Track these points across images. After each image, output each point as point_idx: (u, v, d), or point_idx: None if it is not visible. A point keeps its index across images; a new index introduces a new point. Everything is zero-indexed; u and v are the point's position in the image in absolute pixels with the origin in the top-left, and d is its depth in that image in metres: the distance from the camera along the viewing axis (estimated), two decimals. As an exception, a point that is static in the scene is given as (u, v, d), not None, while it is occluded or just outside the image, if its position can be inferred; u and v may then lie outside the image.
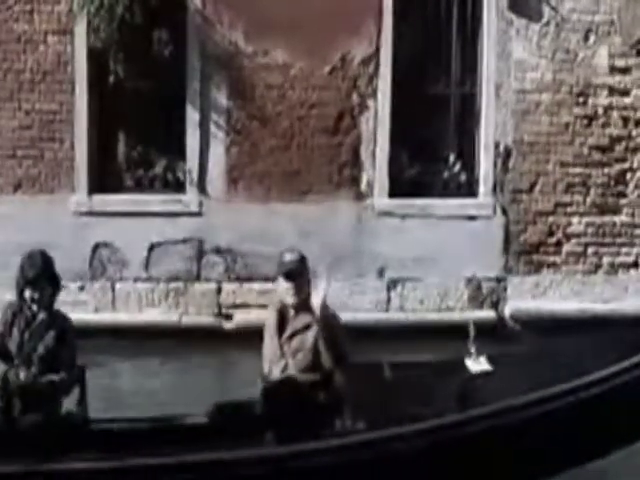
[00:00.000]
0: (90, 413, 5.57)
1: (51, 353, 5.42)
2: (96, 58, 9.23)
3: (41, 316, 5.49)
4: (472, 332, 5.79)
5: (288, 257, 5.54)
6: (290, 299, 5.40)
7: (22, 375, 5.31)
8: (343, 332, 5.45)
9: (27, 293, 5.46)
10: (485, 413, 5.12)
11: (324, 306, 5.30)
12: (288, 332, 5.40)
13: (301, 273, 5.44)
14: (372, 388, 5.61)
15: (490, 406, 5.16)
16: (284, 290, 5.43)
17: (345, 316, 9.14)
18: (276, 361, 5.41)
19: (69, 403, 5.54)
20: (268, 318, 5.56)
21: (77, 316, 8.95)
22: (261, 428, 5.22)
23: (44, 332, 5.46)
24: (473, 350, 5.77)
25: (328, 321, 5.33)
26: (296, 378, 5.31)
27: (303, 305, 5.38)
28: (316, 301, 5.29)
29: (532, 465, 5.24)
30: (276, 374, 5.39)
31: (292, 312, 5.43)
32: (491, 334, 9.17)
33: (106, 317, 9.31)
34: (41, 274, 5.48)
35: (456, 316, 9.44)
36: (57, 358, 5.43)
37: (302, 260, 5.52)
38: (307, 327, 5.36)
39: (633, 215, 10.01)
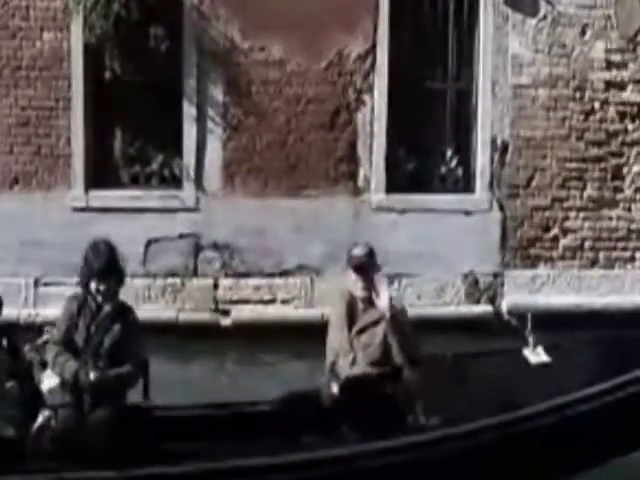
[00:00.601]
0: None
1: (117, 345, 5.36)
2: (92, 54, 9.20)
3: (107, 308, 5.42)
4: (529, 323, 5.86)
5: (358, 251, 5.63)
6: (359, 292, 5.47)
7: (92, 375, 5.24)
8: (411, 328, 5.51)
9: (93, 285, 5.39)
10: (550, 407, 5.14)
11: (392, 302, 5.41)
12: (359, 326, 5.46)
13: (371, 267, 5.53)
14: (439, 381, 5.64)
15: (554, 400, 5.17)
16: (353, 283, 5.49)
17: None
18: (344, 353, 5.45)
19: (133, 395, 5.52)
20: (335, 309, 5.61)
21: None
22: (332, 421, 5.24)
23: (110, 324, 5.39)
24: (531, 340, 5.81)
25: (398, 317, 5.41)
26: (373, 374, 5.36)
27: (370, 299, 5.45)
28: (383, 298, 5.38)
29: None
30: (344, 366, 5.43)
31: (361, 305, 5.50)
32: (488, 329, 9.24)
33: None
34: (107, 265, 5.42)
35: (453, 311, 9.45)
36: (123, 350, 5.37)
37: (371, 254, 5.62)
38: (377, 322, 5.43)
39: (629, 210, 10.03)
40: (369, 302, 5.47)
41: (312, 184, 9.52)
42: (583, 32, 9.84)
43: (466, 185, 9.79)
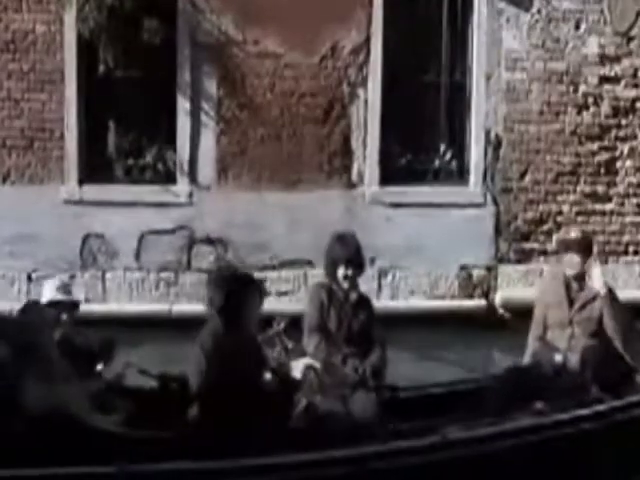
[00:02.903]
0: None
1: (364, 331, 5.69)
2: (86, 47, 9.19)
3: (353, 296, 5.74)
4: None
5: (574, 234, 6.45)
6: (573, 271, 6.11)
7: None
8: (622, 305, 6.21)
9: (341, 271, 5.68)
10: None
11: (605, 281, 6.12)
12: (579, 303, 6.10)
13: (587, 248, 6.21)
14: None
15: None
16: (569, 262, 6.13)
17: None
18: (562, 327, 6.08)
19: None
20: (548, 286, 6.35)
21: None
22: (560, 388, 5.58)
23: (357, 311, 5.72)
24: None
25: (612, 294, 6.11)
26: (601, 345, 6.00)
27: (584, 278, 6.14)
28: (596, 276, 6.05)
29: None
30: (560, 339, 6.05)
31: (575, 285, 6.14)
32: (481, 322, 9.25)
33: (96, 307, 9.28)
34: (355, 252, 5.75)
35: (447, 305, 9.46)
36: (368, 335, 5.70)
37: (586, 237, 6.45)
38: (594, 298, 6.08)
39: (623, 204, 10.05)
40: (583, 280, 6.12)
41: (306, 177, 9.52)
42: (577, 27, 9.85)
43: (460, 179, 9.80)
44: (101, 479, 4.55)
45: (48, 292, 5.75)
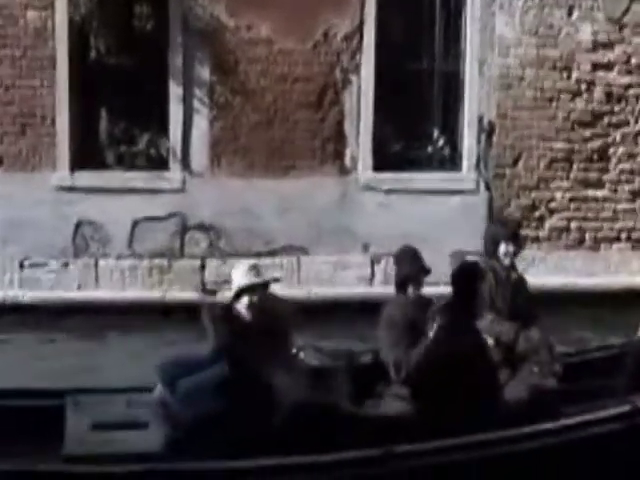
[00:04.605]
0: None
1: (525, 305, 6.20)
2: (77, 33, 9.14)
3: (514, 275, 6.29)
4: None
5: None
6: None
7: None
8: None
9: (502, 248, 6.21)
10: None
11: None
12: None
13: None
14: None
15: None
16: None
17: (329, 291, 9.33)
18: None
19: None
20: None
21: (60, 293, 9.14)
22: None
23: (518, 287, 6.26)
24: None
25: None
26: None
27: None
28: None
29: None
30: None
31: None
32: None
33: (89, 294, 9.26)
34: (516, 228, 6.60)
35: (440, 291, 9.43)
36: (527, 310, 6.19)
37: None
38: None
39: (615, 190, 10.06)
40: None
41: (299, 163, 9.50)
42: (570, 13, 9.84)
43: (453, 165, 9.80)
44: (367, 463, 4.69)
45: (241, 278, 5.64)
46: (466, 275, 5.62)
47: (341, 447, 4.70)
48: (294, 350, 5.67)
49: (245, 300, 5.54)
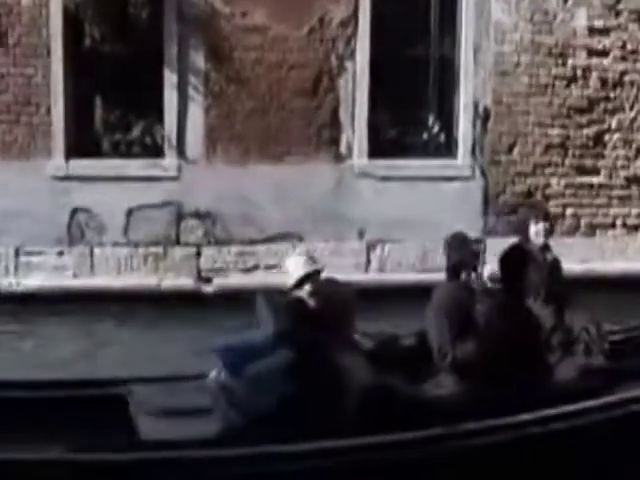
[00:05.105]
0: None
1: (558, 290, 6.30)
2: (72, 21, 9.12)
3: (549, 256, 6.46)
4: None
5: None
6: None
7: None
8: None
9: (532, 228, 6.42)
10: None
11: None
12: None
13: None
14: None
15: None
16: None
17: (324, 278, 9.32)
18: None
19: None
20: None
21: (55, 282, 9.13)
22: None
23: (553, 267, 6.39)
24: None
25: None
26: None
27: None
28: None
29: None
30: None
31: None
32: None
33: (85, 282, 9.26)
34: (543, 212, 6.71)
35: (436, 278, 9.44)
36: (560, 290, 6.32)
37: None
38: None
39: (611, 176, 10.07)
40: None
41: (294, 150, 9.49)
42: (565, 0, 9.82)
43: (448, 151, 9.80)
44: (429, 442, 4.73)
45: (298, 267, 5.72)
46: (514, 258, 5.57)
47: (404, 428, 4.74)
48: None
49: (307, 287, 5.57)
